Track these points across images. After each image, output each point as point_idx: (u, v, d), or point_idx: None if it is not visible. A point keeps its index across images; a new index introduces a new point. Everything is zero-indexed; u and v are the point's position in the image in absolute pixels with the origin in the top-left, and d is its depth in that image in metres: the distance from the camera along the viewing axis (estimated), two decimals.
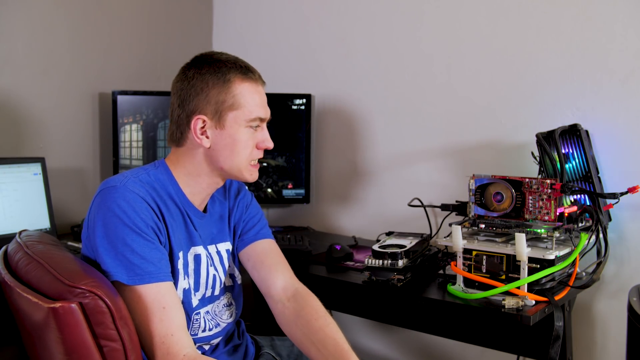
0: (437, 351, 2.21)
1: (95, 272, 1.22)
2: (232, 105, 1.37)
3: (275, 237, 2.06)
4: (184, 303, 1.36)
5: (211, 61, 1.39)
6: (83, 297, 1.15)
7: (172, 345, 1.23)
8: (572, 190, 1.56)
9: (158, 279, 1.26)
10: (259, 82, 1.43)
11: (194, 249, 1.40)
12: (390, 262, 1.67)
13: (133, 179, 1.32)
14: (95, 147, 2.26)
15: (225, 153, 1.38)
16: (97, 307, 1.15)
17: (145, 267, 1.25)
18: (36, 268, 1.24)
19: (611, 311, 1.84)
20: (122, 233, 1.25)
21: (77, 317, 1.14)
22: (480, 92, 2.04)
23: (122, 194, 1.28)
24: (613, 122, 1.81)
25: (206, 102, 1.36)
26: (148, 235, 1.28)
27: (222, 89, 1.36)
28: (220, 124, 1.37)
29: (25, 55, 2.03)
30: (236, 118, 1.37)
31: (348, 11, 2.31)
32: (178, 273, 1.35)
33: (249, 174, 1.42)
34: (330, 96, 2.37)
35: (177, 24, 2.52)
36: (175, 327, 1.25)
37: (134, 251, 1.25)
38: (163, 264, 1.28)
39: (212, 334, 1.43)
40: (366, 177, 2.31)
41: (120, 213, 1.26)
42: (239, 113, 1.37)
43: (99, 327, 1.16)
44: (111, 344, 1.16)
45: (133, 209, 1.27)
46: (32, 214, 1.95)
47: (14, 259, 1.31)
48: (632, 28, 1.77)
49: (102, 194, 1.30)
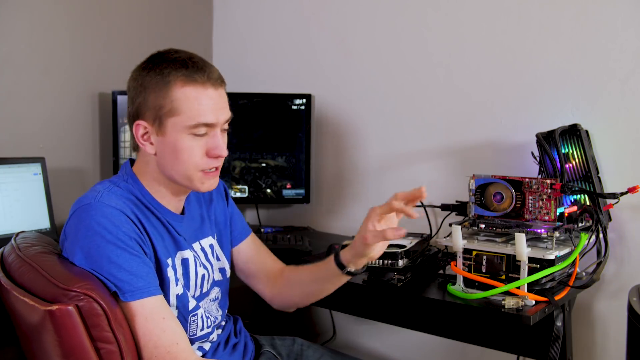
0: (437, 351, 2.21)
1: (89, 276, 1.20)
2: (170, 110, 1.27)
3: (275, 237, 2.08)
4: (179, 308, 1.34)
5: (157, 61, 1.31)
6: (78, 299, 1.14)
7: (179, 354, 1.22)
8: (572, 190, 1.56)
9: (149, 294, 1.22)
10: (208, 84, 1.29)
11: (180, 253, 1.37)
12: (390, 262, 1.67)
13: (107, 193, 1.27)
14: (95, 147, 2.26)
15: (170, 161, 1.30)
16: (93, 310, 1.15)
17: (135, 282, 1.21)
18: (29, 271, 1.23)
19: (611, 311, 1.84)
20: (105, 251, 1.20)
21: (73, 319, 1.14)
22: (480, 92, 2.04)
23: (99, 210, 1.23)
24: (613, 122, 1.81)
25: (146, 107, 1.29)
26: (133, 249, 1.23)
27: (160, 93, 1.27)
28: (161, 130, 1.28)
29: (25, 55, 2.03)
30: (175, 125, 1.27)
31: (348, 11, 2.31)
32: (169, 281, 1.31)
33: (201, 183, 1.32)
34: (330, 96, 2.37)
35: (177, 24, 2.52)
36: (178, 335, 1.24)
37: (120, 267, 1.20)
38: (151, 278, 1.24)
39: (210, 330, 1.43)
40: (366, 177, 2.31)
41: (100, 230, 1.21)
42: (178, 120, 1.27)
43: (95, 330, 1.15)
44: (107, 346, 1.16)
45: (113, 224, 1.22)
46: (32, 214, 1.95)
47: (8, 261, 1.31)
48: (632, 28, 1.77)
49: (77, 214, 1.25)
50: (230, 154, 2.27)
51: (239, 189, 2.31)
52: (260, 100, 2.31)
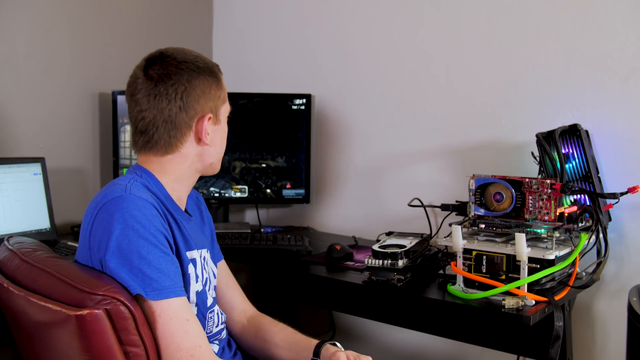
0: (437, 351, 2.21)
1: (108, 278, 1.18)
2: (223, 98, 1.39)
3: (275, 237, 2.08)
4: (199, 305, 1.33)
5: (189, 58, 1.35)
6: (105, 303, 1.12)
7: (201, 357, 1.20)
8: (572, 190, 1.56)
9: (175, 294, 1.21)
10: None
11: (189, 253, 1.36)
12: (390, 262, 1.67)
13: (135, 185, 1.26)
14: (95, 147, 2.26)
15: (220, 148, 1.40)
16: (120, 313, 1.13)
17: (163, 281, 1.19)
18: (42, 276, 1.21)
19: (611, 311, 1.84)
20: (136, 245, 1.18)
21: (103, 323, 1.11)
22: (480, 92, 2.04)
23: (132, 203, 1.21)
24: (613, 122, 1.81)
25: (205, 100, 1.34)
26: (163, 246, 1.22)
27: (218, 85, 1.37)
28: (217, 119, 1.38)
29: (25, 55, 2.03)
30: (226, 112, 1.40)
31: (348, 11, 2.31)
32: (189, 277, 1.31)
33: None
34: (330, 96, 2.37)
35: (177, 24, 2.52)
36: (201, 338, 1.22)
37: (150, 264, 1.19)
38: (178, 279, 1.23)
39: (222, 327, 1.44)
40: (366, 177, 2.31)
41: (134, 224, 1.19)
42: (226, 106, 1.40)
43: (122, 333, 1.13)
44: (134, 349, 1.15)
45: (147, 218, 1.20)
46: (32, 214, 1.95)
47: (9, 266, 1.28)
48: (632, 28, 1.77)
49: (106, 207, 1.22)
50: (231, 154, 2.28)
51: (239, 189, 2.31)
52: (260, 100, 2.31)
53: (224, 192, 2.30)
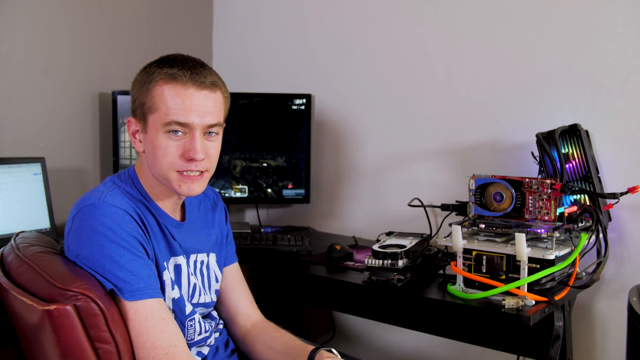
0: (437, 351, 2.21)
1: (86, 276, 1.21)
2: (150, 107, 1.28)
3: (275, 237, 2.08)
4: (176, 312, 1.33)
5: (154, 61, 1.33)
6: (76, 299, 1.15)
7: (176, 356, 1.21)
8: (572, 190, 1.56)
9: (149, 295, 1.22)
10: (190, 84, 1.28)
11: (174, 259, 1.36)
12: (390, 262, 1.67)
13: (110, 193, 1.28)
14: (95, 147, 2.26)
15: (151, 160, 1.31)
16: (90, 310, 1.15)
17: (136, 283, 1.21)
18: (27, 271, 1.24)
19: (611, 311, 1.84)
20: (108, 250, 1.21)
21: (72, 319, 1.14)
22: (480, 92, 2.04)
23: (102, 210, 1.23)
24: (613, 122, 1.81)
25: (135, 105, 1.32)
26: (136, 250, 1.24)
27: (144, 90, 1.29)
28: (145, 127, 1.30)
29: (25, 55, 2.03)
30: (154, 122, 1.28)
31: (348, 11, 2.31)
32: (165, 284, 1.31)
33: (178, 185, 1.30)
34: (330, 96, 2.37)
35: (177, 24, 2.52)
36: (177, 338, 1.23)
37: (123, 267, 1.20)
38: (153, 280, 1.25)
39: (208, 335, 1.43)
40: (366, 177, 2.31)
41: (104, 230, 1.21)
42: (156, 117, 1.28)
43: (92, 330, 1.15)
44: (105, 346, 1.16)
45: (117, 224, 1.23)
46: (32, 214, 1.95)
47: (7, 260, 1.31)
48: (632, 28, 1.77)
49: (80, 214, 1.25)
50: (231, 154, 2.28)
51: (239, 188, 2.31)
52: (260, 100, 2.31)
53: (224, 192, 2.30)
